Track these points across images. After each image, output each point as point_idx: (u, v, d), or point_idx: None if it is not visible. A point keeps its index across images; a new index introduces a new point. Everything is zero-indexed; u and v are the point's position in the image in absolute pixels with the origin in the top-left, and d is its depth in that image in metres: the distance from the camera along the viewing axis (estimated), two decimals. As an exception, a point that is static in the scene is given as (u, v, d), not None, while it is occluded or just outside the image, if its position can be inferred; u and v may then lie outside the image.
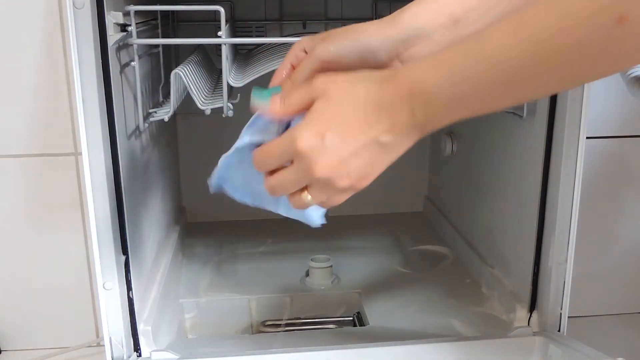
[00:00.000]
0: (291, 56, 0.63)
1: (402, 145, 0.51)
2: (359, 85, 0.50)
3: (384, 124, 0.49)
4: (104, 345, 0.75)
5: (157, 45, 0.93)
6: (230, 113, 0.79)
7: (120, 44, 0.73)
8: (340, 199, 0.54)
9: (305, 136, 0.50)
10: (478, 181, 1.07)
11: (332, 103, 0.51)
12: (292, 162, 0.53)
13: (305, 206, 0.55)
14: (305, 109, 0.52)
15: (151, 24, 0.90)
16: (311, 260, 1.05)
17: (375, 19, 1.36)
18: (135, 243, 0.79)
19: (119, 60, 0.74)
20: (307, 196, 0.54)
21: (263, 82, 0.88)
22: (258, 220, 1.34)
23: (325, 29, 1.28)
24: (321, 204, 0.55)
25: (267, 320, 0.98)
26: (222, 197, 1.47)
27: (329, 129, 0.50)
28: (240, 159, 0.59)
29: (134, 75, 0.77)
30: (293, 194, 0.55)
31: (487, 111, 0.47)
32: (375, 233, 1.28)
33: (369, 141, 0.50)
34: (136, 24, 0.74)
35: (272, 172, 0.55)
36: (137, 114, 0.79)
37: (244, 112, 0.96)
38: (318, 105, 0.51)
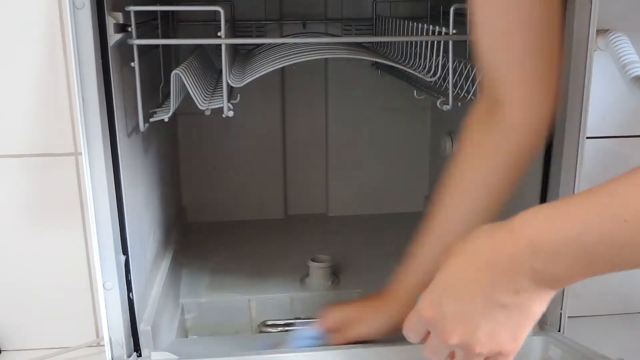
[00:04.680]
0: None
1: (531, 302, 0.47)
2: (471, 243, 0.49)
3: (502, 285, 0.46)
4: (104, 345, 0.75)
5: (157, 46, 0.93)
6: (230, 113, 0.79)
7: (120, 44, 0.73)
8: None
9: (425, 305, 0.51)
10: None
11: (447, 270, 0.50)
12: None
13: None
14: None
15: (151, 24, 0.90)
16: (311, 260, 1.05)
17: (375, 19, 1.35)
18: (135, 243, 0.79)
19: (119, 60, 0.74)
20: None
21: (263, 82, 0.88)
22: (258, 221, 1.34)
23: (325, 29, 1.28)
24: None
25: (267, 320, 0.98)
26: (222, 197, 1.48)
27: (446, 295, 0.49)
28: None
29: (133, 75, 0.76)
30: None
31: (621, 270, 0.44)
32: (375, 233, 1.28)
33: (488, 304, 0.47)
34: (136, 24, 0.74)
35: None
36: (137, 114, 0.79)
37: (243, 112, 0.96)
38: (436, 276, 0.51)
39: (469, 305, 0.48)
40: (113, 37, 0.70)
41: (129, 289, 0.76)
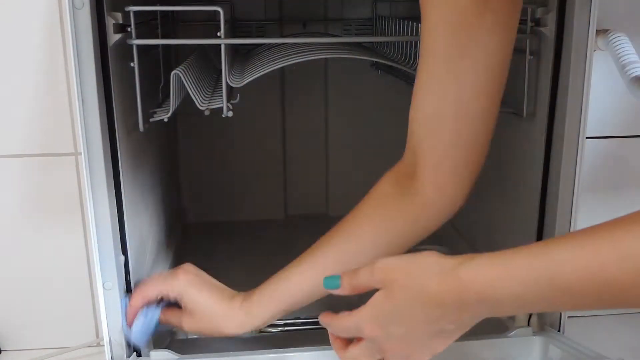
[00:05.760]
0: None
1: (468, 327, 0.55)
2: (417, 282, 0.53)
3: (447, 318, 0.53)
4: (104, 346, 0.75)
5: (156, 46, 0.93)
6: (230, 113, 0.79)
7: (120, 44, 0.73)
8: None
9: (369, 326, 0.56)
10: (478, 180, 1.07)
11: (393, 299, 0.55)
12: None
13: None
14: (368, 290, 0.58)
15: (151, 24, 0.90)
16: (311, 260, 1.05)
17: (376, 19, 1.35)
18: (135, 243, 0.79)
19: (119, 60, 0.74)
20: None
21: (262, 82, 0.88)
22: (258, 221, 1.34)
23: (325, 29, 1.28)
24: None
25: (267, 320, 0.98)
26: (222, 197, 1.47)
27: (392, 322, 0.55)
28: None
29: (133, 75, 0.77)
30: None
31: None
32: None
33: (434, 330, 0.54)
34: (135, 24, 0.74)
35: (341, 342, 0.62)
36: (136, 114, 0.79)
37: (243, 112, 0.96)
38: (379, 298, 0.56)
39: (414, 329, 0.54)
40: (112, 37, 0.70)
41: (129, 289, 0.76)
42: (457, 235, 1.15)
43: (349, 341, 0.61)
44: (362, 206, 0.77)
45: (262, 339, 0.92)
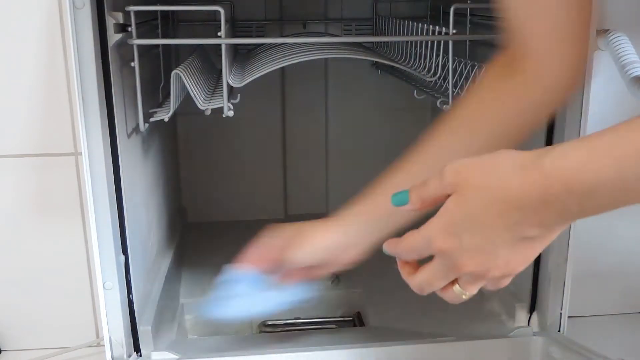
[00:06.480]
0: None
1: (553, 234, 0.48)
2: (494, 180, 0.46)
3: (530, 220, 0.45)
4: (104, 345, 0.75)
5: (157, 46, 0.93)
6: (231, 113, 0.79)
7: (120, 44, 0.73)
8: (501, 284, 0.51)
9: (441, 237, 0.49)
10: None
11: (466, 203, 0.48)
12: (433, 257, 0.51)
13: (460, 299, 0.53)
14: (441, 202, 0.50)
15: (151, 24, 0.90)
16: (311, 260, 1.05)
17: (376, 19, 1.35)
18: (135, 243, 0.79)
19: (119, 60, 0.74)
20: (459, 289, 0.52)
21: (263, 82, 0.88)
22: (258, 221, 1.34)
23: (325, 29, 1.28)
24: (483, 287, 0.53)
25: (267, 320, 0.98)
26: (222, 197, 1.47)
27: (466, 230, 0.48)
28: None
29: (133, 75, 0.77)
30: (444, 288, 0.53)
31: None
32: (375, 233, 1.27)
33: (514, 237, 0.47)
34: (136, 24, 0.74)
35: (410, 267, 0.55)
36: (137, 114, 0.79)
37: (243, 112, 0.96)
38: (450, 204, 0.49)
39: (491, 238, 0.47)
40: (113, 37, 0.70)
41: (129, 289, 0.76)
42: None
43: (418, 266, 0.54)
44: (470, 98, 0.67)
45: (262, 339, 0.92)
